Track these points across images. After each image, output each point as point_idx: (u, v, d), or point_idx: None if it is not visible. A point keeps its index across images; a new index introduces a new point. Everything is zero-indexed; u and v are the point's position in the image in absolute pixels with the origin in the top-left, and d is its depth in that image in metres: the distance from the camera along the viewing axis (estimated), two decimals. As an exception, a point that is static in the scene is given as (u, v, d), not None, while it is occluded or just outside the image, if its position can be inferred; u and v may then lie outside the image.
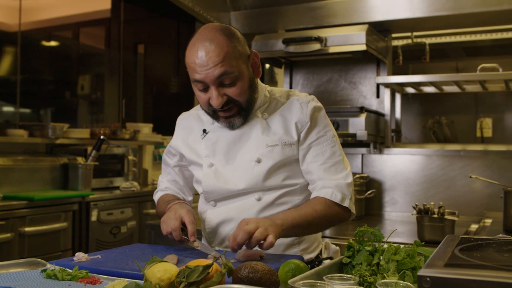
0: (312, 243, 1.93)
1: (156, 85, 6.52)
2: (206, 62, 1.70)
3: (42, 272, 1.46)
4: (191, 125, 2.01)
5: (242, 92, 1.77)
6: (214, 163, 1.89)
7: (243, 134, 1.87)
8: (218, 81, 1.72)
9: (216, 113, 1.81)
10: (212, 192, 1.88)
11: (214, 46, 1.71)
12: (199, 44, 1.73)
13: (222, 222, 1.88)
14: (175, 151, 2.05)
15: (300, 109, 1.87)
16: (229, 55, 1.72)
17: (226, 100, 1.75)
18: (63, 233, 3.90)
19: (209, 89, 1.75)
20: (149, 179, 5.61)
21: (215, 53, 1.70)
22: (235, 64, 1.73)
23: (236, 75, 1.73)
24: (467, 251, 1.14)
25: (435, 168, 3.63)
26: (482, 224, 3.18)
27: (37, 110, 5.15)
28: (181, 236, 1.74)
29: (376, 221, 3.42)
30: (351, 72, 4.01)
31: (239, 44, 1.77)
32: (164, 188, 2.11)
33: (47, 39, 5.31)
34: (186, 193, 2.11)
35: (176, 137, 2.05)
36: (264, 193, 1.84)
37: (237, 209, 1.85)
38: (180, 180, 2.10)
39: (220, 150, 1.89)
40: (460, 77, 3.59)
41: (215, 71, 1.70)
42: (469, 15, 3.53)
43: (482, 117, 6.28)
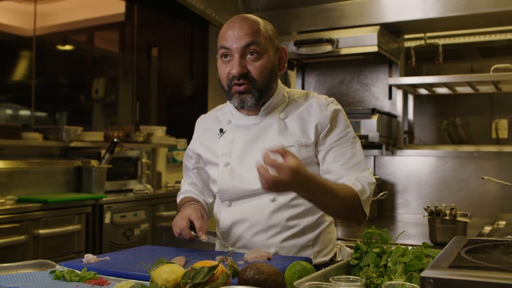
0: (326, 246, 1.92)
1: (170, 88, 6.55)
2: (237, 31, 1.79)
3: (51, 273, 1.47)
4: (208, 126, 2.03)
5: (262, 71, 1.81)
6: (230, 162, 1.89)
7: (260, 134, 1.88)
8: (244, 50, 1.79)
9: (231, 88, 1.83)
10: (227, 191, 1.88)
11: (248, 20, 1.82)
12: (235, 18, 1.85)
13: (236, 222, 1.88)
14: (192, 153, 2.07)
15: (320, 111, 1.87)
16: (260, 32, 1.81)
17: (245, 72, 1.79)
18: (77, 235, 3.93)
19: (232, 59, 1.80)
20: (163, 182, 5.64)
21: (248, 25, 1.80)
22: (263, 42, 1.81)
23: (261, 51, 1.81)
24: (473, 253, 1.13)
25: (448, 169, 3.60)
26: (496, 226, 3.15)
27: (52, 114, 5.20)
28: (190, 234, 1.77)
29: (389, 223, 3.40)
30: (363, 74, 4.00)
31: (272, 32, 1.88)
32: (184, 191, 2.14)
33: (62, 43, 5.37)
34: (206, 195, 2.12)
35: (194, 139, 2.08)
36: (278, 194, 1.83)
37: (251, 210, 1.85)
38: (199, 183, 2.11)
39: (237, 149, 1.90)
40: (473, 78, 3.56)
41: (243, 40, 1.78)
42: (483, 15, 3.50)
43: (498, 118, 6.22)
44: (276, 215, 1.82)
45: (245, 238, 1.85)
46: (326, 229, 1.92)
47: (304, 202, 1.85)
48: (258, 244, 1.83)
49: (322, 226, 1.90)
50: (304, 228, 1.85)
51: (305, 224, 1.85)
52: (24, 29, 4.75)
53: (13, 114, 4.83)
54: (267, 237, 1.82)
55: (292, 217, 1.83)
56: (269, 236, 1.82)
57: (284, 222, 1.82)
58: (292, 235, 1.83)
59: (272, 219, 1.82)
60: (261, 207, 1.84)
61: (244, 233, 1.85)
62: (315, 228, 1.87)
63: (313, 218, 1.87)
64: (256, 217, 1.83)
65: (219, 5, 4.10)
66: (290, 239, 1.83)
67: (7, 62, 4.67)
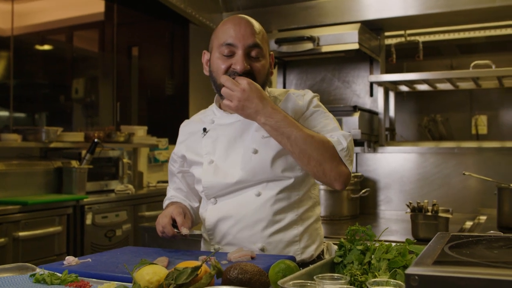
0: (313, 241, 1.91)
1: (150, 88, 6.50)
2: (244, 29, 1.81)
3: (31, 276, 1.44)
4: (192, 129, 2.03)
5: (262, 71, 1.85)
6: (214, 159, 1.89)
7: (244, 130, 1.88)
8: (248, 49, 1.81)
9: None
10: (212, 188, 1.88)
11: (252, 21, 1.86)
12: (238, 18, 1.86)
13: (221, 219, 1.87)
14: (176, 156, 2.06)
15: (297, 101, 1.91)
16: (262, 34, 1.86)
17: (248, 70, 1.80)
18: (58, 237, 3.88)
19: (234, 55, 1.81)
20: (144, 182, 5.60)
21: (252, 26, 1.84)
22: (264, 46, 1.85)
23: (263, 54, 1.85)
24: (457, 248, 1.13)
25: (429, 166, 3.63)
26: (477, 221, 3.18)
27: (31, 114, 5.13)
28: (173, 231, 1.77)
29: (371, 219, 3.41)
30: (344, 71, 4.00)
31: (266, 37, 1.91)
32: (170, 196, 2.13)
33: (41, 43, 5.30)
34: (191, 200, 2.11)
35: (178, 143, 2.07)
36: (263, 188, 1.83)
37: (236, 206, 1.84)
38: (184, 187, 2.10)
39: (221, 146, 1.90)
40: (453, 75, 3.59)
41: (251, 38, 1.81)
42: (462, 12, 3.53)
43: (477, 115, 6.29)
44: (261, 209, 1.82)
45: (230, 235, 1.85)
46: (312, 224, 1.92)
47: (288, 197, 1.85)
48: (244, 240, 1.82)
49: (308, 221, 1.90)
50: (290, 223, 1.84)
51: (290, 218, 1.85)
52: (2, 29, 4.68)
53: (-9, 115, 4.76)
54: (253, 233, 1.82)
55: (277, 212, 1.82)
56: (255, 231, 1.81)
57: (269, 217, 1.82)
58: (278, 230, 1.82)
59: (257, 214, 1.81)
60: (246, 202, 1.83)
61: (230, 230, 1.85)
62: (301, 223, 1.87)
63: (298, 212, 1.87)
64: (241, 213, 1.83)
65: (200, 4, 4.08)
66: (276, 233, 1.82)
67: (-16, 62, 4.60)
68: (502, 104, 6.20)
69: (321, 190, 3.35)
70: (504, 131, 6.14)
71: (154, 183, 5.60)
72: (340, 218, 3.37)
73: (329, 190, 3.36)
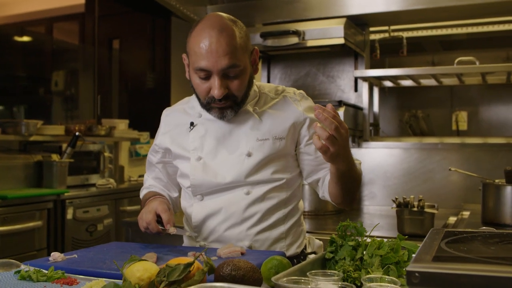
0: (297, 238, 1.92)
1: (131, 81, 6.43)
2: (215, 50, 1.66)
3: (16, 273, 1.40)
4: (176, 120, 1.97)
5: (242, 87, 1.75)
6: (202, 156, 1.85)
7: (234, 128, 1.84)
8: (224, 72, 1.69)
9: (210, 104, 1.77)
10: (201, 186, 1.84)
11: (225, 35, 1.67)
12: (209, 30, 1.68)
13: (209, 215, 1.84)
14: (158, 147, 2.01)
15: (295, 106, 1.87)
16: (239, 47, 1.69)
17: (226, 93, 1.72)
18: (38, 232, 3.82)
19: (211, 78, 1.71)
20: (126, 176, 5.55)
21: (226, 43, 1.66)
22: (242, 58, 1.71)
23: (241, 69, 1.71)
24: (453, 244, 1.12)
25: (413, 161, 3.64)
26: (460, 216, 3.20)
27: (10, 107, 5.04)
28: (157, 228, 1.72)
29: (356, 215, 3.41)
30: (329, 66, 4.00)
31: (246, 36, 1.77)
32: (148, 185, 2.08)
33: (20, 34, 5.20)
34: (170, 190, 2.07)
35: (161, 133, 2.00)
36: (252, 187, 1.82)
37: (225, 203, 1.82)
38: (164, 177, 2.05)
39: (209, 143, 1.86)
40: (438, 70, 3.60)
41: (224, 61, 1.66)
42: (445, 8, 3.55)
43: (458, 111, 6.34)
44: (251, 208, 1.81)
45: (218, 232, 1.83)
46: (297, 221, 1.93)
47: (277, 196, 1.84)
48: (231, 238, 1.80)
49: (294, 219, 1.90)
50: (276, 221, 1.84)
51: (277, 216, 1.85)
52: (-21, 19, 4.59)
53: (-32, 107, 4.67)
54: (240, 230, 1.81)
55: (266, 210, 1.82)
56: (242, 229, 1.80)
57: (258, 215, 1.81)
58: (265, 228, 1.82)
59: (247, 212, 1.80)
60: (236, 200, 1.81)
61: (218, 227, 1.83)
62: (287, 221, 1.87)
63: (285, 211, 1.87)
64: (231, 210, 1.81)
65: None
66: (263, 231, 1.82)
67: (-39, 53, 4.51)
68: (482, 101, 6.26)
69: (306, 186, 3.34)
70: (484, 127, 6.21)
71: (136, 177, 5.55)
72: (324, 213, 3.37)
73: (314, 185, 3.35)
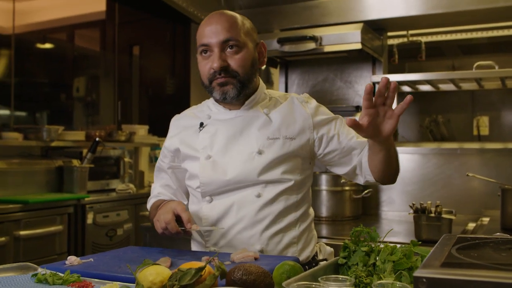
0: (309, 243, 1.92)
1: (151, 87, 6.49)
2: (215, 27, 1.80)
3: (33, 276, 1.43)
4: (186, 123, 1.99)
5: (242, 63, 1.82)
6: (212, 155, 1.86)
7: (244, 127, 1.86)
8: (223, 45, 1.80)
9: (212, 82, 1.83)
10: (210, 184, 1.84)
11: (225, 15, 1.83)
12: (214, 14, 1.86)
13: (220, 217, 1.84)
14: (167, 151, 2.02)
15: (302, 107, 1.91)
16: (238, 25, 1.82)
17: (226, 65, 1.80)
18: (59, 236, 3.87)
19: (212, 54, 1.81)
20: (145, 181, 5.59)
21: (225, 20, 1.81)
22: (242, 37, 1.82)
23: (240, 44, 1.81)
24: (464, 251, 1.12)
25: (432, 166, 3.61)
26: (480, 222, 3.17)
27: (32, 113, 5.12)
28: (177, 228, 1.70)
29: (373, 220, 3.40)
30: (346, 71, 3.99)
31: (250, 27, 1.89)
32: (157, 194, 2.06)
33: (42, 42, 5.29)
34: (179, 197, 2.05)
35: (169, 136, 2.03)
36: (263, 189, 1.82)
37: (235, 205, 1.82)
38: (173, 184, 2.05)
39: (219, 142, 1.87)
40: (456, 75, 3.58)
41: (222, 35, 1.79)
42: (464, 12, 3.52)
43: (479, 115, 6.27)
44: (263, 211, 1.81)
45: (229, 235, 1.82)
46: (308, 226, 1.93)
47: (287, 198, 1.85)
48: (243, 242, 1.80)
49: (305, 224, 1.91)
50: (288, 225, 1.85)
51: (289, 220, 1.85)
52: (3, 27, 4.67)
53: (-9, 113, 4.75)
54: (252, 234, 1.80)
55: (277, 213, 1.82)
56: (254, 232, 1.80)
57: (269, 218, 1.81)
58: (277, 232, 1.82)
59: (259, 215, 1.80)
60: (245, 202, 1.82)
61: (229, 230, 1.82)
62: (299, 225, 1.88)
63: (297, 214, 1.87)
64: (242, 212, 1.81)
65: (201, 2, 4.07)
66: (275, 235, 1.82)
67: (-15, 60, 4.59)
68: (504, 105, 6.19)
69: (323, 191, 3.34)
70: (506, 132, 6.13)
71: (155, 183, 5.58)
72: (342, 219, 3.36)
73: (332, 190, 3.35)
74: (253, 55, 1.86)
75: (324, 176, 3.36)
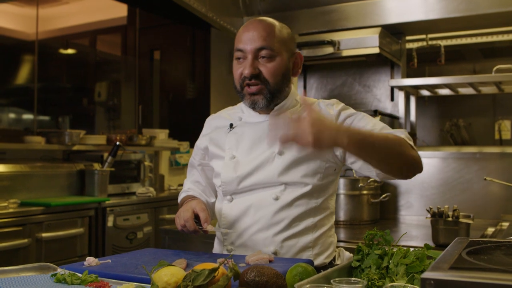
0: (326, 249, 1.92)
1: (172, 91, 6.55)
2: (252, 34, 1.83)
3: (52, 276, 1.47)
4: (218, 123, 2.05)
5: (274, 73, 1.84)
6: (236, 155, 1.91)
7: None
8: (256, 53, 1.82)
9: (243, 89, 1.86)
10: (230, 183, 1.89)
11: (264, 23, 1.86)
12: (253, 21, 1.89)
13: (238, 217, 1.87)
14: (198, 148, 2.09)
15: (327, 109, 1.91)
16: (275, 34, 1.84)
17: (257, 73, 1.82)
18: (80, 238, 3.93)
19: (245, 60, 1.84)
20: (166, 185, 5.64)
21: (262, 28, 1.84)
22: (277, 45, 1.84)
23: (274, 54, 1.83)
24: (475, 254, 1.12)
25: (451, 171, 3.59)
26: (499, 227, 3.14)
27: (55, 117, 5.20)
28: (195, 226, 1.76)
29: (391, 224, 3.39)
30: (365, 75, 3.99)
31: (288, 36, 1.90)
32: (187, 189, 2.13)
33: (64, 47, 5.37)
34: (208, 194, 2.10)
35: (201, 135, 2.10)
36: (281, 192, 1.84)
37: (253, 206, 1.85)
38: (203, 181, 2.11)
39: (244, 143, 1.91)
40: (475, 79, 3.56)
41: (257, 42, 1.82)
42: (484, 16, 3.50)
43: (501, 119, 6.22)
44: (279, 214, 1.83)
45: (245, 236, 1.85)
46: (326, 232, 1.93)
47: (306, 203, 1.85)
48: (258, 243, 1.83)
49: (323, 229, 1.91)
50: (304, 229, 1.85)
51: (306, 225, 1.86)
52: (26, 33, 4.76)
53: (15, 118, 4.84)
54: (267, 236, 1.82)
55: (293, 217, 1.83)
56: (269, 234, 1.82)
57: (285, 222, 1.82)
58: (292, 235, 1.83)
59: (275, 218, 1.82)
60: (264, 204, 1.84)
61: (246, 231, 1.85)
62: (316, 230, 1.88)
63: (314, 220, 1.88)
64: (259, 214, 1.83)
65: (221, 8, 4.11)
66: (290, 238, 1.83)
67: (9, 66, 4.68)
68: (526, 109, 6.12)
69: (341, 195, 3.34)
70: (528, 136, 6.07)
71: (175, 186, 5.64)
72: (360, 223, 3.36)
73: (349, 194, 3.35)
74: (286, 64, 1.88)
75: (342, 180, 3.37)
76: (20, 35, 4.77)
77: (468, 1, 3.45)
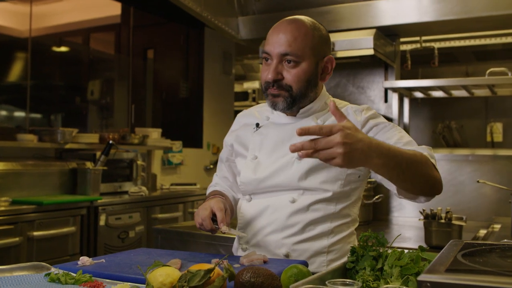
0: (343, 255, 1.85)
1: (165, 90, 6.54)
2: (279, 37, 1.79)
3: (46, 276, 1.46)
4: (246, 121, 2.04)
5: (297, 79, 1.79)
6: (258, 156, 1.90)
7: (293, 134, 1.83)
8: (281, 58, 1.78)
9: (267, 90, 1.84)
10: (249, 184, 1.88)
11: (293, 26, 1.79)
12: (284, 22, 1.83)
13: (255, 217, 1.87)
14: (226, 144, 2.08)
15: (354, 116, 1.85)
16: (302, 40, 1.78)
17: (279, 78, 1.79)
18: (72, 237, 3.92)
19: (271, 63, 1.81)
20: (158, 184, 5.63)
21: (291, 31, 1.78)
22: (304, 52, 1.78)
23: (299, 59, 1.78)
24: (470, 256, 1.12)
25: (444, 173, 3.57)
26: (491, 229, 3.16)
27: (47, 115, 5.18)
28: (211, 225, 1.75)
29: (384, 226, 3.40)
30: (359, 77, 4.00)
31: (319, 40, 1.82)
32: (214, 184, 2.13)
33: (58, 45, 5.36)
34: (235, 190, 2.09)
35: (230, 130, 2.10)
36: (299, 196, 1.82)
37: (270, 207, 1.84)
38: (230, 177, 2.10)
39: (267, 145, 1.90)
40: (468, 82, 3.57)
41: (282, 47, 1.77)
42: (478, 19, 3.51)
43: (493, 122, 6.25)
44: (294, 217, 1.80)
45: (259, 236, 1.84)
46: (345, 238, 1.87)
47: (323, 209, 1.82)
48: (271, 244, 1.81)
49: (340, 235, 1.85)
50: (319, 234, 1.81)
51: (321, 230, 1.81)
52: (20, 30, 4.74)
53: (8, 115, 4.82)
54: (281, 237, 1.80)
55: (308, 222, 1.80)
56: (283, 236, 1.80)
57: (300, 225, 1.80)
58: (306, 239, 1.80)
59: (290, 221, 1.80)
60: (280, 205, 1.82)
61: (261, 231, 1.84)
62: (332, 236, 1.83)
63: (331, 225, 1.83)
64: (275, 215, 1.82)
65: (216, 7, 4.10)
66: (303, 242, 1.80)
67: (2, 63, 4.66)
68: (518, 112, 6.16)
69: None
70: (520, 139, 6.10)
71: (168, 186, 5.63)
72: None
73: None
74: (312, 70, 1.81)
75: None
76: (13, 32, 4.75)
77: (462, 4, 3.47)
